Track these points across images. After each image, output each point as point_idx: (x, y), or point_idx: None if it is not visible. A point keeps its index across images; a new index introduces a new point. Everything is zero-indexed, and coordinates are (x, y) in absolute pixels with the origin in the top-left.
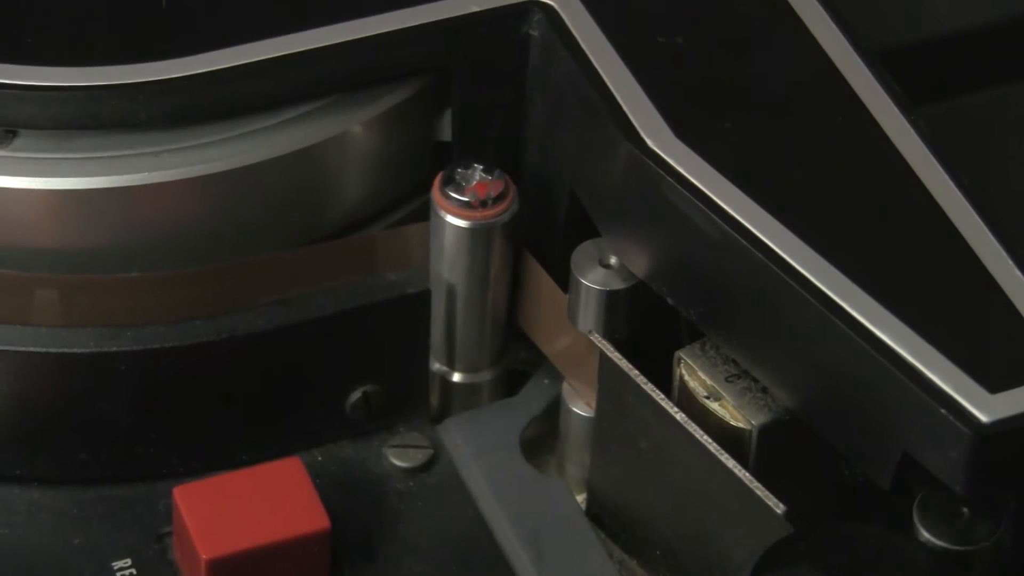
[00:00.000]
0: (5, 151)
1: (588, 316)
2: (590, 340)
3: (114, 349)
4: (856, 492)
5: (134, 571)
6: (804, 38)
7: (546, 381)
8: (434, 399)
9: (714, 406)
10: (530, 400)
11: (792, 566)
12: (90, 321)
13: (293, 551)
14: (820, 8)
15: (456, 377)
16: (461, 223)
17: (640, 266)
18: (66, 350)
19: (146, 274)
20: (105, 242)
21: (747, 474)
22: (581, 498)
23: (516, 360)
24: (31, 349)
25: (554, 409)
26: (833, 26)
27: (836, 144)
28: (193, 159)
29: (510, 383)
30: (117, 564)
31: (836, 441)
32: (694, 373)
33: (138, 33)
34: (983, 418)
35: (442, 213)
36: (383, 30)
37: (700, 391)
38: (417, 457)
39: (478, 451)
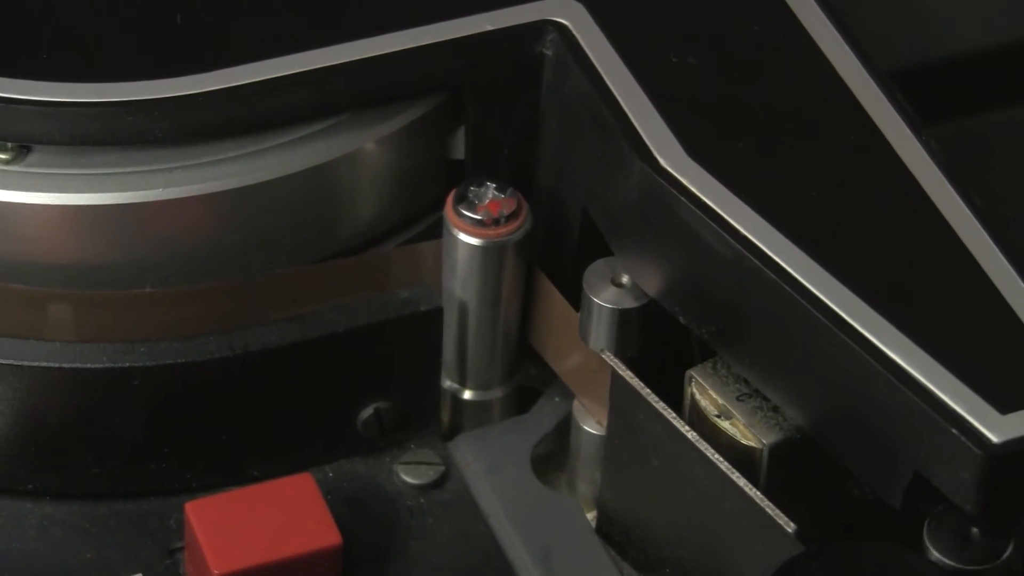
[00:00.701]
0: (20, 166)
1: (600, 335)
2: (601, 358)
3: (127, 364)
4: (866, 511)
5: None
6: (816, 58)
7: (557, 399)
8: (445, 416)
9: (725, 425)
10: (541, 418)
11: None
12: (104, 336)
13: (304, 567)
14: (832, 29)
15: (467, 394)
16: (473, 241)
17: (652, 285)
18: (79, 365)
19: (160, 290)
20: (119, 258)
21: (758, 493)
22: (591, 515)
23: (527, 378)
24: (45, 364)
25: (565, 427)
26: (845, 47)
27: (848, 164)
28: (208, 175)
29: (521, 401)
30: None
31: (847, 460)
32: (705, 392)
33: (154, 50)
34: (994, 438)
35: (455, 231)
36: (397, 48)
37: (711, 410)
38: (428, 474)
39: (489, 468)
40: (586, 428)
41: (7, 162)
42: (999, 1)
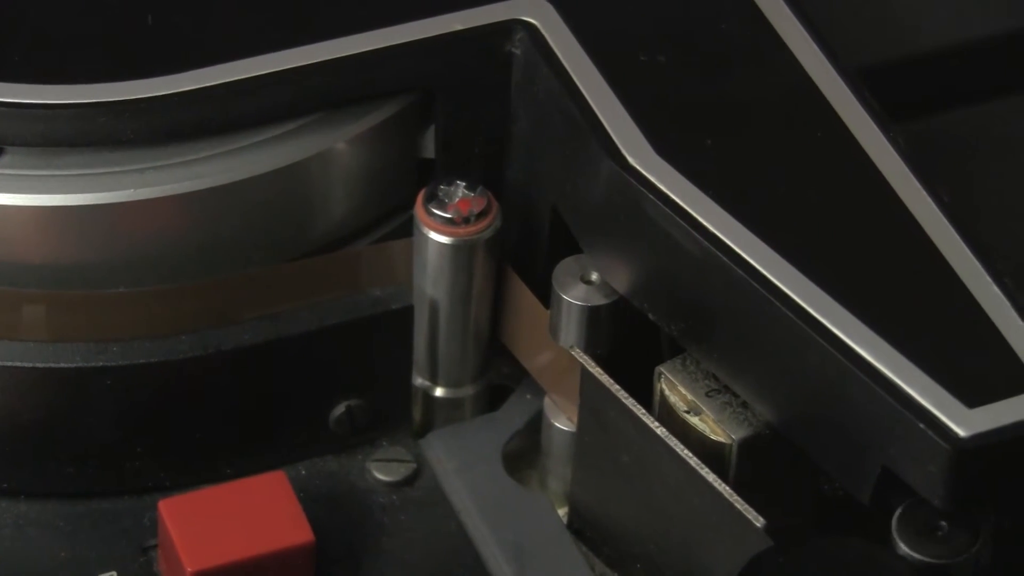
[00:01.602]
0: None
1: (570, 332)
2: (572, 355)
3: (100, 364)
4: (835, 506)
5: None
6: (784, 56)
7: (528, 396)
8: (417, 414)
9: (694, 420)
10: (512, 415)
11: None
12: (77, 336)
13: (277, 564)
14: (800, 26)
15: (439, 392)
16: (444, 239)
17: (621, 282)
18: (53, 365)
19: (132, 290)
20: (92, 258)
21: (727, 488)
22: (562, 512)
23: (498, 375)
24: (18, 364)
25: (536, 424)
26: (813, 44)
27: (816, 161)
28: (179, 176)
29: (492, 398)
30: None
31: (816, 455)
32: (675, 388)
33: (125, 51)
34: (961, 432)
35: (425, 229)
36: (367, 48)
37: (681, 406)
38: (400, 471)
39: (461, 465)
40: (557, 425)
41: None
42: None
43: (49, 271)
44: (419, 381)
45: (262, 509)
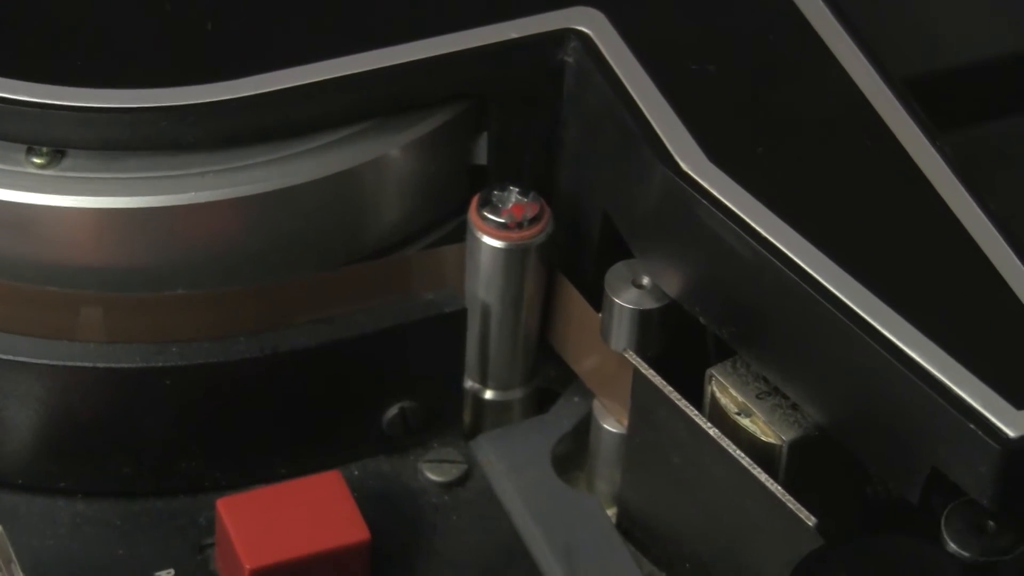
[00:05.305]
0: (54, 170)
1: (621, 335)
2: (621, 358)
3: (160, 364)
4: (884, 505)
5: None
6: (833, 67)
7: (576, 399)
8: (467, 416)
9: (745, 422)
10: (561, 417)
11: None
12: (136, 338)
13: (333, 561)
14: (848, 38)
15: (488, 395)
16: (497, 244)
17: (673, 286)
18: (113, 365)
19: (191, 292)
20: (151, 260)
21: (779, 487)
22: (610, 513)
23: (547, 378)
24: (79, 364)
25: (584, 426)
26: (861, 55)
27: (864, 168)
28: (237, 180)
29: (541, 401)
30: (160, 574)
31: (865, 456)
32: (725, 390)
33: (186, 56)
34: (1011, 433)
35: (478, 234)
36: (422, 56)
37: (731, 408)
38: (452, 472)
39: (511, 466)
40: (606, 427)
41: (42, 166)
42: (1014, 9)
43: (108, 273)
44: (469, 384)
45: (318, 508)
